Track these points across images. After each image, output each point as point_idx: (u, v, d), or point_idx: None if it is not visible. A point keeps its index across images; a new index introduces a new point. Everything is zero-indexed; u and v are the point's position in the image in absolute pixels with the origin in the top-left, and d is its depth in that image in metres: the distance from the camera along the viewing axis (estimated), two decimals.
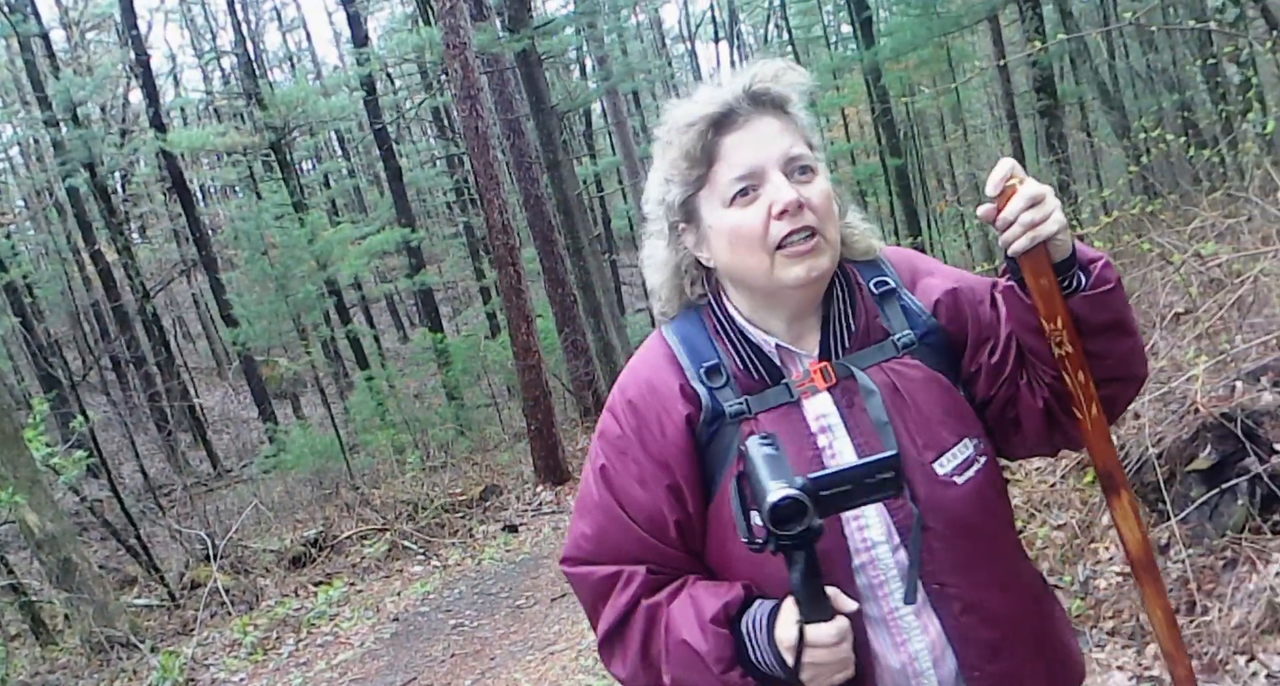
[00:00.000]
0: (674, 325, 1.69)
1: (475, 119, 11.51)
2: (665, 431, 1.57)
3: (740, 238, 1.54)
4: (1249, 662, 3.63)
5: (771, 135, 1.54)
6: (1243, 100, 8.25)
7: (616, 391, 1.65)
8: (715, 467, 1.58)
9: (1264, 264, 5.00)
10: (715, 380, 1.59)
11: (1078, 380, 1.57)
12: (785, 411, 1.58)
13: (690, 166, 1.56)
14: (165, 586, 9.65)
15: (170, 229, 30.50)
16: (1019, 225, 1.48)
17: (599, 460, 1.63)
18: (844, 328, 1.62)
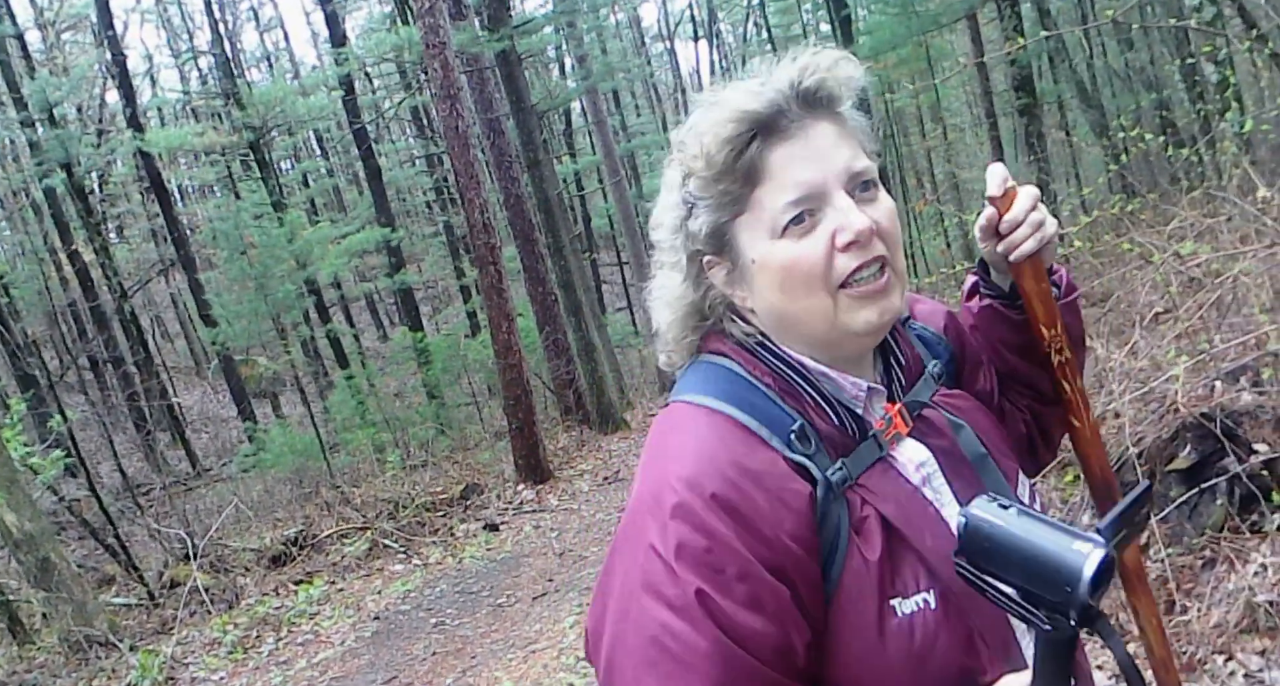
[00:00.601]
0: (707, 388, 1.31)
1: (455, 118, 11.49)
2: (783, 525, 1.16)
3: (796, 276, 1.24)
4: (1227, 662, 3.64)
5: (830, 145, 1.25)
6: (1220, 99, 8.30)
7: (681, 488, 1.17)
8: (826, 557, 1.21)
9: (1243, 264, 5.03)
10: (806, 446, 1.24)
11: (1077, 386, 1.53)
12: (883, 470, 1.28)
13: (726, 186, 1.25)
14: (144, 585, 9.60)
15: (148, 229, 30.35)
16: (1028, 226, 1.40)
17: (687, 587, 1.12)
18: (898, 363, 1.40)
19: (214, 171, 27.30)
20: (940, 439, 1.35)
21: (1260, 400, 4.35)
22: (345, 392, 17.62)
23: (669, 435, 1.28)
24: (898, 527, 1.22)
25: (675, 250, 1.35)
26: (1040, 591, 1.08)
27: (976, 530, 1.13)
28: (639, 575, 1.16)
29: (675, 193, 1.32)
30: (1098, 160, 13.66)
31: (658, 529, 1.16)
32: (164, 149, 21.26)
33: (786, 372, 1.30)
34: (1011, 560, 1.10)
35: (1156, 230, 6.23)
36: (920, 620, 1.19)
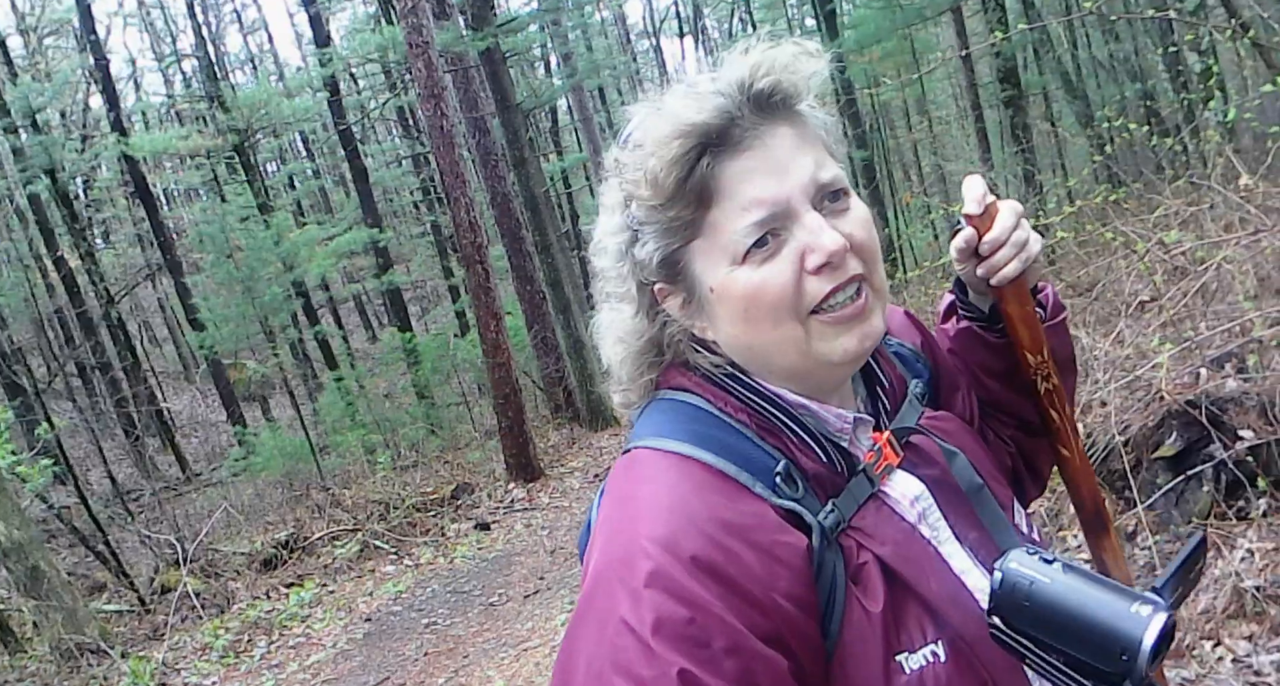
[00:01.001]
0: (673, 430, 1.15)
1: (440, 118, 11.47)
2: (777, 585, 1.01)
3: (761, 306, 1.09)
4: (1215, 647, 3.66)
5: (791, 154, 1.10)
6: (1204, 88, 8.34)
7: (655, 552, 1.00)
8: (823, 612, 1.06)
9: (1227, 251, 5.05)
10: (794, 490, 1.09)
11: (1065, 414, 1.41)
12: (875, 508, 1.14)
13: (670, 207, 1.09)
14: (135, 591, 9.57)
15: (134, 233, 30.26)
16: (1011, 246, 1.26)
17: (668, 667, 0.95)
18: (881, 387, 1.28)
19: (199, 175, 27.27)
20: (932, 469, 1.22)
21: (1245, 387, 4.37)
22: (335, 394, 17.59)
23: (636, 487, 1.11)
24: (899, 572, 1.09)
25: (623, 279, 1.19)
26: (1091, 660, 0.97)
27: (1015, 588, 1.02)
28: (609, 654, 0.98)
29: (617, 215, 1.16)
30: (1083, 150, 13.70)
31: (629, 600, 0.98)
32: (148, 153, 21.18)
33: (763, 406, 1.15)
34: (1057, 623, 0.99)
35: (1141, 219, 6.25)
36: (930, 675, 1.06)
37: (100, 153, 24.02)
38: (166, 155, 25.37)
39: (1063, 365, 1.42)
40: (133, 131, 23.71)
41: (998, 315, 1.37)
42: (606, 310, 1.25)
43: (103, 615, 9.08)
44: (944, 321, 1.50)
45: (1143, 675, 0.94)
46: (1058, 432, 1.42)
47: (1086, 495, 1.46)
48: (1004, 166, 13.51)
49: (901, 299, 11.75)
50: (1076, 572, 1.01)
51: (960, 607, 1.10)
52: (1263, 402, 4.21)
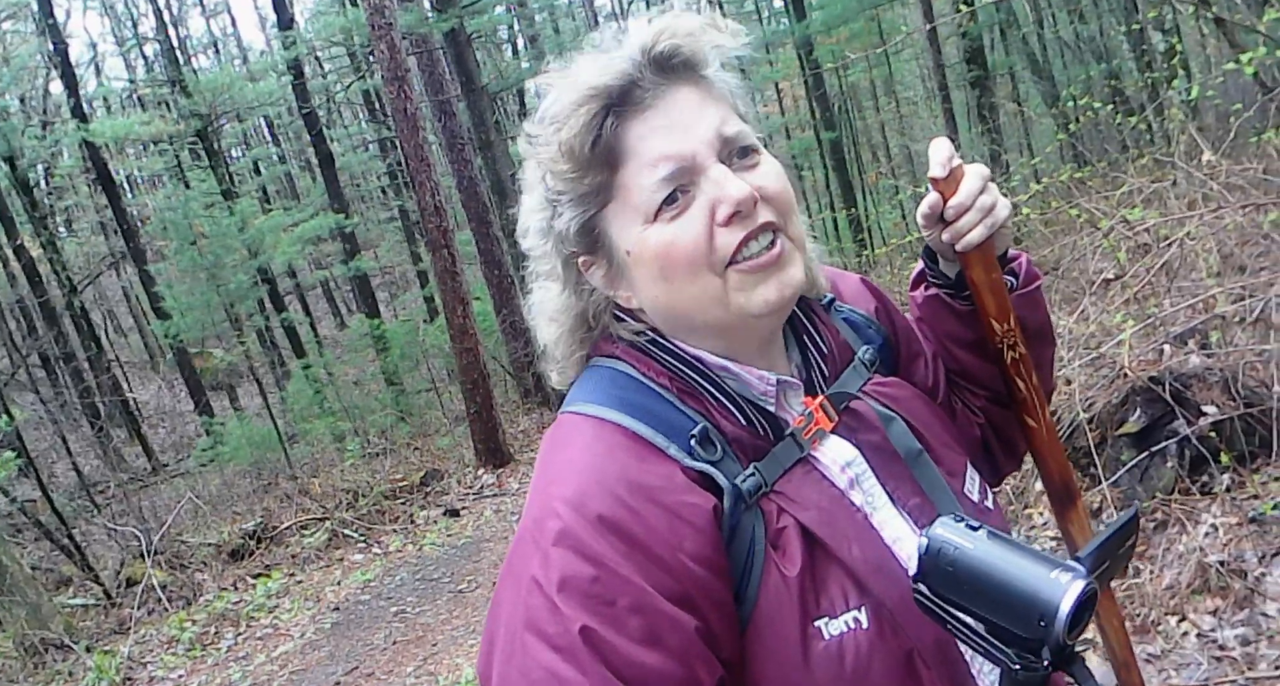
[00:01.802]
0: (596, 395, 1.16)
1: (404, 101, 11.38)
2: (682, 546, 1.01)
3: (676, 261, 1.09)
4: (1180, 623, 3.68)
5: (693, 111, 1.10)
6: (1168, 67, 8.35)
7: (564, 511, 1.02)
8: (740, 577, 1.07)
9: (1190, 228, 5.05)
10: (710, 452, 1.09)
11: (1032, 384, 1.39)
12: (803, 472, 1.14)
13: (584, 175, 1.10)
14: (100, 585, 9.49)
15: (97, 221, 29.95)
16: (976, 210, 1.24)
17: (570, 624, 0.97)
18: (817, 351, 1.26)
19: (162, 161, 26.95)
20: (870, 434, 1.21)
21: (1208, 362, 4.39)
22: (303, 382, 17.50)
23: (555, 451, 1.14)
24: (820, 537, 1.08)
25: (548, 256, 1.20)
26: (1010, 626, 0.98)
27: (939, 554, 1.02)
28: (522, 612, 1.01)
29: (537, 192, 1.18)
30: (1049, 130, 13.76)
31: (540, 559, 1.01)
32: (110, 139, 20.90)
33: (682, 370, 1.15)
34: (979, 589, 0.99)
35: (1105, 197, 6.25)
36: (851, 641, 1.06)
37: (61, 139, 23.64)
38: (129, 141, 25.07)
39: (1036, 334, 1.42)
40: (94, 117, 23.48)
41: (965, 283, 1.36)
42: (537, 290, 1.25)
43: (68, 609, 9.00)
44: (914, 289, 1.48)
45: (1060, 641, 0.94)
46: (1023, 402, 1.41)
47: (1053, 467, 1.45)
48: (971, 146, 13.56)
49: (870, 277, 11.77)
50: (1000, 540, 1.01)
51: (885, 574, 1.09)
52: (1225, 378, 4.23)
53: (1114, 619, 1.46)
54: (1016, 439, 1.48)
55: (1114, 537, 1.04)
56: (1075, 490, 1.46)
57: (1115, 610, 1.47)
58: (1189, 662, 3.47)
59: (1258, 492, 3.95)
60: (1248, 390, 4.20)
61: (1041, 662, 0.97)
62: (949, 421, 1.36)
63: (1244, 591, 3.63)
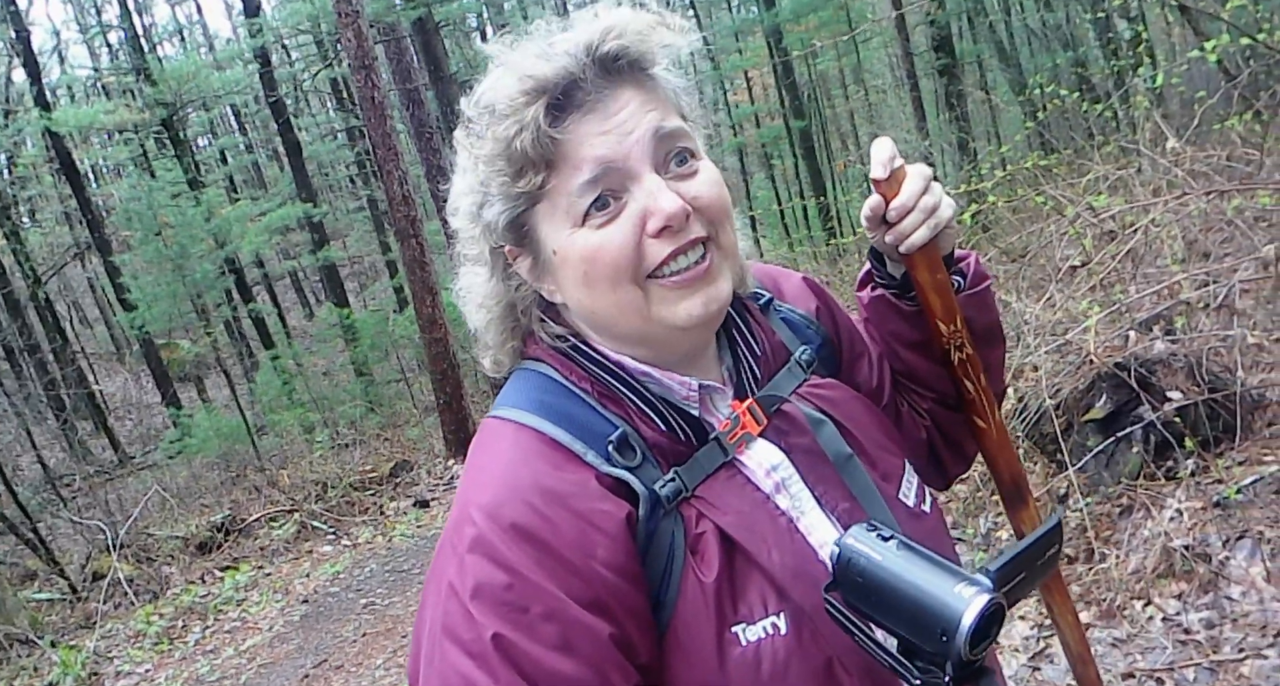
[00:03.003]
0: (519, 399, 1.16)
1: (371, 89, 11.31)
2: (594, 552, 1.01)
3: (599, 269, 1.08)
4: (1145, 607, 3.71)
5: (633, 114, 1.08)
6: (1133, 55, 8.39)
7: (479, 518, 1.03)
8: (658, 583, 1.07)
9: (1155, 214, 5.08)
10: (629, 457, 1.09)
11: (980, 385, 1.39)
12: (727, 477, 1.13)
13: (517, 172, 1.07)
14: (66, 579, 9.39)
15: (61, 211, 29.63)
16: (919, 211, 1.23)
17: (483, 631, 0.98)
18: (749, 353, 1.24)
19: (127, 150, 26.64)
20: (800, 437, 1.20)
21: (1173, 348, 4.42)
22: (271, 373, 17.40)
23: (477, 457, 1.14)
24: (739, 542, 1.08)
25: (475, 240, 1.18)
26: (915, 639, 0.97)
27: (850, 563, 1.01)
28: (441, 617, 1.02)
29: (469, 175, 1.14)
30: (1017, 118, 13.83)
31: (456, 565, 1.02)
32: (74, 128, 20.64)
33: (602, 376, 1.15)
34: (886, 601, 0.98)
35: (1071, 184, 6.27)
36: (769, 648, 1.05)
37: (24, 128, 23.36)
38: (93, 130, 24.76)
39: (984, 335, 1.40)
40: (57, 106, 23.20)
41: (911, 283, 1.34)
42: (464, 273, 1.23)
43: (33, 604, 8.91)
44: (860, 289, 1.46)
45: (961, 656, 0.93)
46: (972, 403, 1.40)
47: (1004, 468, 1.44)
48: (939, 134, 13.61)
49: (838, 267, 11.80)
50: (912, 551, 1.00)
51: (806, 580, 1.08)
52: (1190, 364, 4.27)
53: (1068, 614, 1.47)
54: (964, 441, 1.47)
55: (1032, 547, 1.01)
56: (1026, 490, 1.45)
57: (1069, 605, 1.48)
58: (1154, 647, 3.50)
59: (1222, 477, 3.99)
60: (1212, 375, 4.23)
61: (943, 678, 0.96)
62: (888, 424, 1.34)
63: (1208, 575, 3.66)
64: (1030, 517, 1.45)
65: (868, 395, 1.36)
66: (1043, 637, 3.84)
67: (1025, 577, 1.01)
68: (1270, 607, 3.43)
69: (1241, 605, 3.51)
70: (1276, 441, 4.10)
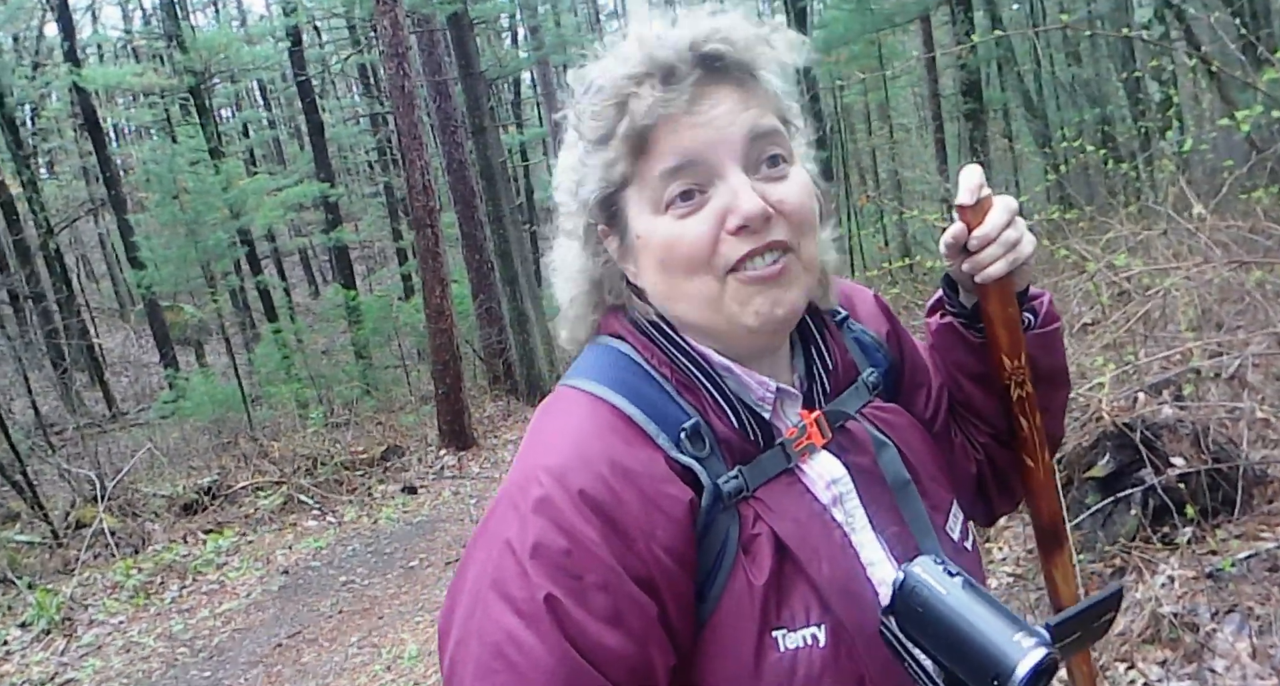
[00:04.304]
0: (597, 373, 1.16)
1: (402, 77, 11.39)
2: (655, 534, 1.03)
3: (677, 258, 1.10)
4: (1128, 670, 3.68)
5: (730, 112, 1.09)
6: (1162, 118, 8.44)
7: (547, 481, 1.04)
8: (705, 576, 1.07)
9: (1174, 279, 5.10)
10: (698, 448, 1.10)
11: (1035, 424, 1.36)
12: (787, 483, 1.13)
13: (613, 154, 1.10)
14: (49, 524, 9.38)
15: (80, 166, 29.64)
16: (1000, 244, 1.22)
17: (537, 591, 0.99)
18: (822, 365, 1.24)
19: (151, 114, 26.74)
20: (861, 456, 1.20)
21: (1181, 415, 4.41)
22: (272, 346, 17.37)
23: (547, 421, 1.15)
24: (792, 550, 1.08)
25: (572, 216, 1.20)
26: (965, 677, 0.98)
27: (913, 593, 1.02)
28: (491, 572, 1.02)
29: (573, 153, 1.17)
30: (1038, 170, 13.86)
31: (517, 524, 1.03)
32: (101, 86, 20.72)
33: (684, 364, 1.15)
34: (943, 636, 0.99)
35: (1092, 241, 6.30)
36: (805, 657, 1.05)
37: (51, 81, 23.45)
38: (119, 90, 24.89)
39: (1049, 377, 1.39)
40: (87, 63, 23.17)
41: (981, 315, 1.33)
42: (558, 246, 1.25)
43: (13, 545, 8.90)
44: (930, 315, 1.45)
45: None
46: (1025, 442, 1.38)
47: (1045, 509, 1.42)
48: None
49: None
50: (974, 591, 1.01)
51: (851, 597, 1.09)
52: (1196, 432, 4.26)
53: (1084, 665, 1.45)
54: (1014, 480, 1.45)
55: (1092, 609, 1.02)
56: (1064, 535, 1.44)
57: (1087, 656, 1.46)
58: None
59: (1217, 548, 3.95)
60: (1217, 446, 4.21)
61: None
62: (941, 456, 1.34)
63: (1194, 645, 3.64)
64: (1064, 563, 1.43)
65: (922, 424, 1.35)
66: None
67: (1079, 638, 1.01)
68: (1253, 684, 3.43)
69: (1224, 679, 3.49)
70: (1275, 518, 4.09)
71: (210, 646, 6.71)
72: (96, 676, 6.47)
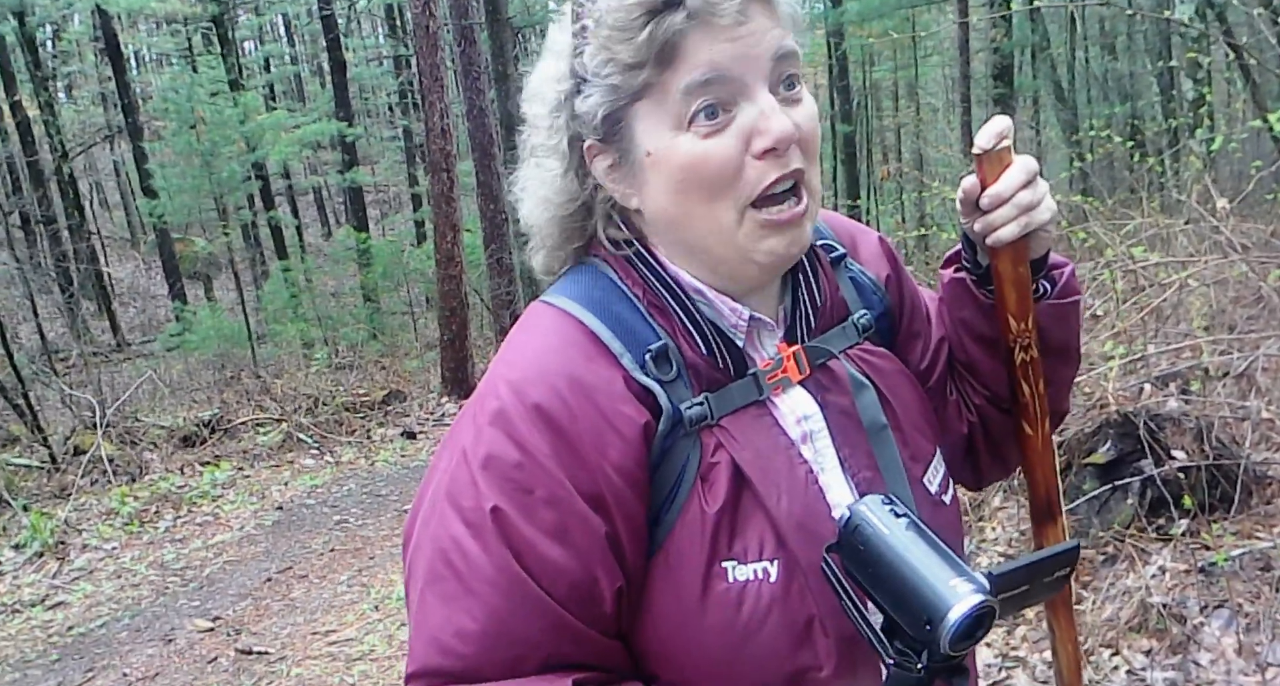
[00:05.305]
0: (572, 290, 1.13)
1: (427, 17, 11.31)
2: (606, 452, 1.01)
3: (699, 178, 1.04)
4: (1113, 656, 3.70)
5: (760, 29, 1.03)
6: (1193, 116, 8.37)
7: (505, 393, 1.03)
8: (661, 501, 1.05)
9: (1192, 270, 5.08)
10: (664, 371, 1.07)
11: (1038, 390, 1.31)
12: (755, 415, 1.10)
13: (635, 64, 1.02)
14: (48, 448, 9.43)
15: (98, 92, 29.55)
16: (1012, 206, 1.17)
17: (484, 502, 0.99)
18: (809, 301, 1.20)
19: (173, 42, 26.62)
20: (838, 396, 1.16)
21: (1185, 409, 4.40)
22: (280, 284, 17.41)
23: (516, 335, 1.13)
24: (751, 480, 1.05)
25: (555, 131, 1.12)
26: (900, 620, 0.95)
27: (856, 530, 0.99)
28: (447, 481, 1.04)
29: (564, 62, 1.09)
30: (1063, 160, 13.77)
31: (473, 434, 1.03)
32: (124, 10, 20.56)
33: (655, 285, 1.12)
34: (881, 575, 0.96)
35: (1111, 228, 6.26)
36: (753, 591, 1.03)
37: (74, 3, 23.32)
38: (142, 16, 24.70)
39: (1059, 350, 1.35)
40: None
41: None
42: (531, 166, 1.17)
43: (11, 467, 8.95)
44: (945, 267, 1.39)
45: (941, 649, 0.91)
46: (1025, 408, 1.33)
47: (1041, 480, 1.39)
48: None
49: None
50: (920, 534, 0.97)
51: (808, 534, 1.05)
52: (1200, 427, 4.25)
53: (1069, 643, 1.43)
54: (1009, 446, 1.41)
55: (1044, 562, 0.99)
56: (1058, 508, 1.40)
57: (1073, 635, 1.44)
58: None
59: (1211, 544, 3.96)
60: (1220, 443, 4.21)
61: (917, 664, 0.95)
62: (929, 406, 1.29)
63: (1181, 637, 3.66)
64: (1056, 536, 1.40)
65: (915, 374, 1.30)
66: (1005, 667, 3.86)
67: (1028, 591, 0.99)
68: (1236, 680, 3.41)
69: (1208, 672, 3.50)
70: (1272, 519, 4.09)
71: (201, 576, 6.74)
72: (86, 600, 6.51)
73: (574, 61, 1.07)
